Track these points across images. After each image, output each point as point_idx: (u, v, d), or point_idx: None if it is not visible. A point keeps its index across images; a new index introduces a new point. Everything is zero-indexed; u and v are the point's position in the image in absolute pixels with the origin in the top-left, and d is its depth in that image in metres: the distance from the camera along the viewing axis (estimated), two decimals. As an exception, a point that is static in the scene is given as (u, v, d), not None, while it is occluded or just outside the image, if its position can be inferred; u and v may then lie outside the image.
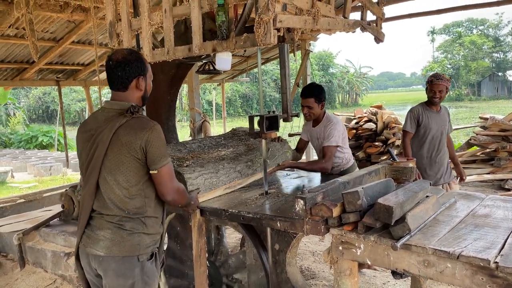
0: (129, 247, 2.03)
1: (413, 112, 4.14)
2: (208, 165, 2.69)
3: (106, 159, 2.00)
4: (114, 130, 1.97)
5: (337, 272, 2.18)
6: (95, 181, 2.03)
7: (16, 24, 5.12)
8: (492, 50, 56.22)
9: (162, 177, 2.03)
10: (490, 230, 2.01)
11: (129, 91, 2.09)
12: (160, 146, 2.01)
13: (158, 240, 2.18)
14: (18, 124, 24.01)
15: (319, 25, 2.53)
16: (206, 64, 5.13)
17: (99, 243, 2.03)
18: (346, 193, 2.09)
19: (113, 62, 2.05)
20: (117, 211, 2.03)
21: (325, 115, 3.66)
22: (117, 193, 2.02)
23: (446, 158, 4.13)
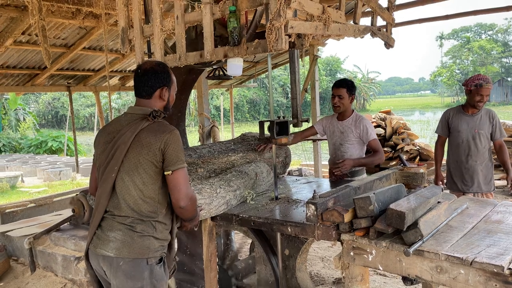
0: (139, 249, 2.06)
1: (444, 115, 4.06)
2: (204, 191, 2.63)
3: (125, 160, 2.07)
4: (136, 132, 2.06)
5: (348, 278, 2.17)
6: (112, 181, 2.09)
7: (29, 30, 5.20)
8: (501, 55, 55.84)
9: (176, 180, 2.05)
10: (503, 236, 1.99)
11: (152, 99, 2.19)
12: (177, 150, 2.07)
13: (166, 246, 2.21)
14: (28, 129, 24.26)
15: (329, 31, 2.54)
16: (216, 70, 5.16)
17: (110, 244, 2.07)
18: (358, 198, 2.08)
19: (141, 70, 2.17)
20: (130, 212, 2.07)
21: (354, 112, 3.73)
22: (132, 193, 2.07)
23: (483, 166, 3.89)
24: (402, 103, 64.74)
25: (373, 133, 3.62)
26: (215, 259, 2.94)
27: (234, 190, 2.83)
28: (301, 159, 12.55)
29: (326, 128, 3.85)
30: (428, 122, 30.46)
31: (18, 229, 5.15)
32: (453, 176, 4.01)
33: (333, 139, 3.78)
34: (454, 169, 3.99)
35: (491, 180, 3.96)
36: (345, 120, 3.70)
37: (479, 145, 3.87)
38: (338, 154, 3.72)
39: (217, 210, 2.67)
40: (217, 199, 2.65)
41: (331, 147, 3.82)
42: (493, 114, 3.93)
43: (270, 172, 3.34)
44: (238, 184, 2.90)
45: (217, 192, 2.67)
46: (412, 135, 8.83)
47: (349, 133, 3.64)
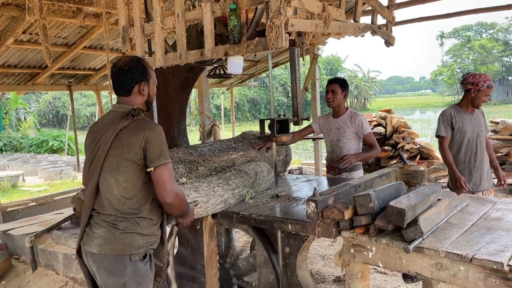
0: (121, 246, 2.08)
1: (444, 115, 3.92)
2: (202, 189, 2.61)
3: (107, 160, 2.09)
4: (117, 132, 2.07)
5: (348, 275, 2.18)
6: (96, 181, 2.12)
7: (30, 29, 5.21)
8: (502, 54, 55.80)
9: (160, 177, 2.05)
10: (503, 233, 2.00)
11: (132, 96, 2.19)
12: (159, 145, 2.06)
13: (154, 242, 2.22)
14: (29, 128, 24.28)
15: (330, 29, 2.54)
16: (217, 68, 5.16)
17: (94, 241, 2.10)
18: (358, 195, 2.09)
19: (116, 68, 2.18)
20: (112, 211, 2.10)
21: (349, 109, 3.90)
22: (114, 193, 2.09)
23: (485, 162, 3.92)
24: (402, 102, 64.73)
25: (368, 127, 3.79)
26: (215, 257, 2.95)
27: (233, 189, 2.82)
28: (302, 158, 12.57)
29: (322, 126, 4.00)
30: (429, 121, 30.45)
31: (19, 227, 5.16)
32: (467, 177, 3.88)
33: (330, 136, 3.91)
34: (462, 170, 3.88)
35: (491, 176, 4.01)
36: (340, 117, 3.87)
37: (482, 142, 3.90)
38: (336, 150, 3.85)
39: (214, 208, 2.66)
40: (215, 198, 2.64)
41: (328, 144, 3.95)
42: (483, 111, 4.02)
43: (271, 171, 3.33)
44: (237, 183, 2.89)
45: (214, 191, 2.66)
46: (412, 133, 8.84)
47: (346, 128, 3.80)
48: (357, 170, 3.84)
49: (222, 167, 3.23)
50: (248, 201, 2.90)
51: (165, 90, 3.89)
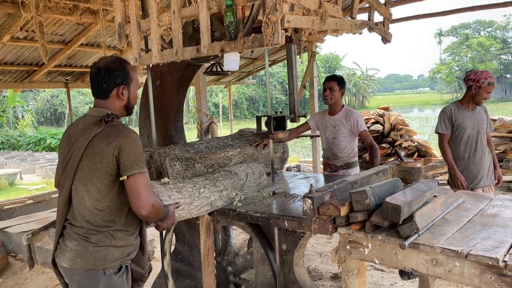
0: (93, 260, 1.96)
1: (445, 112, 3.96)
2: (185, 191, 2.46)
3: (79, 169, 1.97)
4: (89, 139, 1.95)
5: (345, 272, 2.18)
6: (68, 190, 2.00)
7: (26, 26, 5.18)
8: (500, 52, 55.83)
9: (134, 186, 1.90)
10: (498, 230, 2.00)
11: (110, 99, 2.07)
12: (133, 153, 1.93)
13: (130, 252, 2.10)
14: (26, 126, 24.22)
15: (326, 25, 2.54)
16: (214, 66, 5.16)
17: (65, 254, 1.99)
18: (354, 192, 2.09)
19: (95, 69, 2.05)
20: (84, 223, 1.97)
21: (344, 106, 3.90)
22: (86, 204, 1.96)
23: (486, 159, 3.93)
24: (401, 100, 64.76)
25: (363, 125, 3.79)
26: (212, 254, 2.95)
27: (221, 190, 2.71)
28: (300, 156, 12.57)
29: (318, 123, 4.01)
30: (427, 119, 30.49)
31: (17, 225, 5.16)
32: (464, 173, 3.93)
33: (326, 133, 3.94)
34: (461, 166, 3.92)
35: (492, 172, 4.01)
36: (336, 114, 3.87)
37: (483, 139, 3.91)
38: (332, 147, 3.88)
39: (199, 211, 2.56)
40: (199, 199, 2.53)
41: (324, 141, 3.98)
42: (486, 109, 4.02)
43: (263, 173, 3.23)
44: (225, 185, 2.77)
45: (200, 192, 2.55)
46: (410, 131, 8.84)
47: (341, 126, 3.81)
48: (353, 167, 3.86)
49: (219, 164, 3.23)
50: (237, 203, 2.77)
51: (162, 87, 3.89)
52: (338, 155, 3.87)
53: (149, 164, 3.02)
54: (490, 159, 3.99)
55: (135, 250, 2.13)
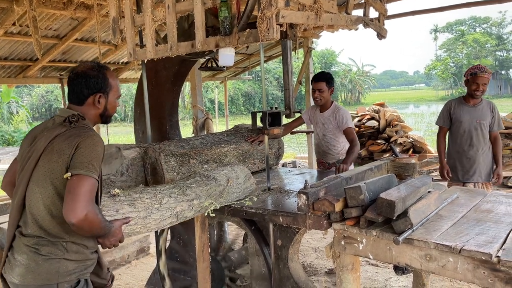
0: (45, 275, 1.79)
1: (446, 106, 4.10)
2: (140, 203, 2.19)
3: (36, 169, 1.83)
4: (51, 139, 1.84)
5: (339, 267, 2.19)
6: (23, 192, 1.85)
7: (20, 21, 5.13)
8: (495, 49, 55.96)
9: (73, 187, 1.71)
10: (492, 225, 2.01)
11: (85, 106, 1.97)
12: (87, 155, 1.78)
13: (88, 266, 1.93)
14: (21, 122, 24.07)
15: (321, 21, 2.53)
16: (209, 61, 5.14)
17: (15, 270, 1.82)
18: (349, 188, 2.09)
19: (73, 74, 1.96)
20: (36, 230, 1.81)
21: (333, 103, 3.87)
22: (40, 208, 1.81)
23: (484, 156, 3.95)
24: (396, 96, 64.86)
25: (350, 122, 3.74)
26: (207, 250, 2.95)
27: (191, 199, 2.43)
28: (296, 152, 12.58)
29: (311, 117, 4.04)
30: (422, 115, 30.58)
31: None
32: (454, 166, 4.06)
33: (316, 129, 3.97)
34: (455, 159, 4.03)
35: (491, 170, 4.02)
36: (325, 112, 3.87)
37: (480, 135, 3.93)
38: (322, 143, 3.92)
39: (160, 224, 2.28)
40: (159, 212, 2.25)
41: (316, 136, 4.02)
42: (494, 106, 4.02)
43: (250, 177, 2.94)
44: (197, 192, 2.49)
45: (161, 203, 2.27)
46: (405, 127, 8.86)
47: (329, 124, 3.82)
48: None
49: (214, 160, 3.23)
50: (210, 214, 2.53)
51: (157, 83, 3.87)
52: (328, 152, 3.89)
53: (144, 160, 3.01)
54: (490, 157, 4.00)
55: (92, 264, 1.96)
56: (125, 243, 4.56)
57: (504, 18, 56.93)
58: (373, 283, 3.78)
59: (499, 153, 4.02)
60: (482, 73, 3.82)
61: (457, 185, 3.60)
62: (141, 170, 3.02)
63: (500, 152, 4.03)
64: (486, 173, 3.99)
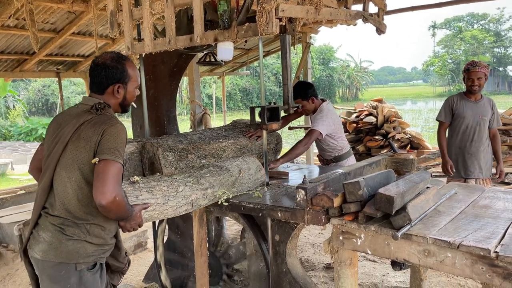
0: (66, 253, 1.90)
1: (447, 101, 4.09)
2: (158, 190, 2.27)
3: (63, 155, 1.93)
4: (78, 126, 1.93)
5: (337, 262, 2.19)
6: (50, 176, 1.96)
7: (16, 14, 5.09)
8: (493, 45, 56.04)
9: (101, 171, 1.81)
10: (490, 221, 2.01)
11: (105, 95, 2.05)
12: (113, 141, 1.87)
13: (106, 250, 2.04)
14: (17, 116, 23.98)
15: (321, 15, 2.52)
16: (207, 55, 5.12)
17: (39, 245, 1.94)
18: (347, 183, 2.09)
19: (94, 64, 2.04)
20: (63, 212, 1.92)
21: (321, 106, 3.78)
22: (68, 191, 1.92)
23: (485, 152, 3.97)
24: (394, 93, 64.88)
25: (319, 125, 3.61)
26: (205, 245, 2.95)
27: (205, 188, 2.51)
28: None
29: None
30: (420, 112, 30.62)
31: (8, 215, 5.11)
32: (455, 163, 4.04)
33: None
34: (456, 155, 4.03)
35: (491, 166, 4.04)
36: (314, 114, 3.84)
37: (482, 131, 3.94)
38: (317, 142, 3.89)
39: (176, 211, 2.36)
40: (176, 199, 2.33)
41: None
42: (493, 103, 4.05)
43: (261, 169, 3.00)
44: (211, 182, 2.57)
45: (178, 191, 2.36)
46: (403, 123, 8.86)
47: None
48: (343, 159, 3.85)
49: (212, 155, 3.22)
50: (223, 203, 2.61)
51: (155, 77, 3.85)
52: (324, 149, 3.91)
53: (141, 155, 3.00)
54: (490, 153, 4.01)
55: (110, 249, 2.07)
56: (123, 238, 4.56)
57: (502, 15, 56.97)
58: (371, 278, 3.79)
59: (499, 150, 4.04)
60: (474, 67, 3.85)
61: (458, 181, 3.61)
62: (139, 165, 3.00)
63: (500, 149, 4.05)
64: (487, 169, 4.00)
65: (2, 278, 4.25)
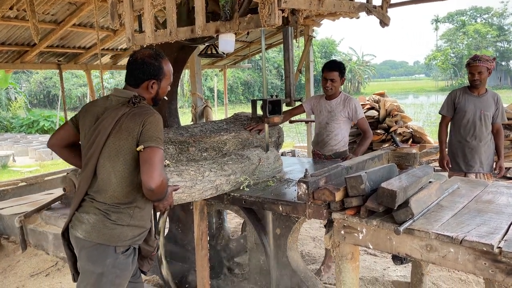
0: (108, 236, 2.04)
1: (450, 95, 4.07)
2: (186, 174, 2.44)
3: (106, 146, 2.04)
4: (117, 118, 2.03)
5: (338, 256, 2.18)
6: (93, 166, 2.07)
7: (17, 5, 5.06)
8: (496, 39, 55.68)
9: (148, 157, 1.95)
10: (493, 216, 2.00)
11: (140, 89, 2.17)
12: (154, 130, 2.01)
13: (141, 235, 2.17)
14: (19, 108, 23.98)
15: (324, 6, 2.48)
16: (209, 48, 5.08)
17: (82, 226, 2.06)
18: (349, 177, 2.07)
19: (132, 59, 2.16)
20: (108, 199, 2.05)
21: (341, 92, 3.78)
22: (112, 180, 2.04)
23: (486, 147, 3.94)
24: (396, 87, 64.66)
25: (362, 112, 3.69)
26: (206, 238, 2.94)
27: (228, 174, 2.66)
28: (295, 141, 12.56)
29: (314, 107, 3.91)
30: (422, 106, 30.53)
31: (9, 207, 5.12)
32: (455, 156, 4.04)
33: (319, 117, 3.83)
34: (457, 149, 4.01)
35: (492, 161, 4.00)
36: (333, 99, 3.75)
37: (484, 126, 3.91)
38: (323, 132, 3.80)
39: (202, 194, 2.52)
40: (202, 183, 2.49)
41: (317, 125, 3.89)
42: (498, 97, 3.99)
43: (279, 158, 3.17)
44: (234, 169, 2.73)
45: (204, 175, 2.51)
46: (405, 117, 8.82)
47: (337, 112, 3.70)
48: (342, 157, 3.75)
49: (213, 148, 3.20)
50: (244, 188, 2.74)
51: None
52: (327, 141, 3.78)
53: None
54: (492, 148, 3.98)
55: (145, 234, 2.21)
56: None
57: (506, 9, 56.66)
58: (371, 272, 3.78)
59: (501, 145, 4.00)
60: (474, 62, 3.83)
61: (459, 175, 3.59)
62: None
63: (502, 144, 4.01)
64: (488, 164, 3.97)
65: (3, 269, 4.26)
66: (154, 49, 2.24)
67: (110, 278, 2.06)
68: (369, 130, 3.68)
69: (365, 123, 3.70)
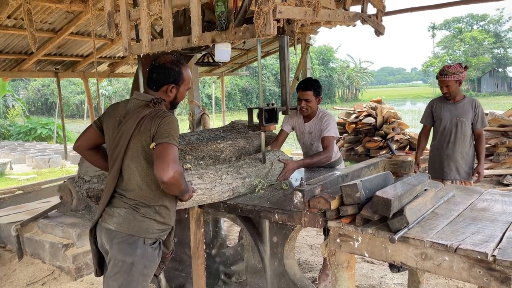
0: (138, 228, 2.15)
1: (428, 104, 4.15)
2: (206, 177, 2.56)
3: (129, 148, 2.15)
4: (138, 120, 2.12)
5: (334, 265, 2.18)
6: (118, 168, 2.18)
7: (15, 14, 5.09)
8: (492, 46, 56.04)
9: (160, 151, 2.01)
10: (488, 224, 2.01)
11: (159, 92, 2.26)
12: (168, 129, 2.08)
13: (166, 231, 2.28)
14: (17, 116, 23.94)
15: (319, 16, 2.51)
16: (205, 56, 5.11)
17: (113, 219, 2.18)
18: (345, 185, 2.08)
19: (155, 63, 2.26)
20: (135, 196, 2.17)
21: (319, 109, 3.60)
22: (137, 180, 2.16)
23: (464, 154, 3.93)
24: (394, 93, 64.88)
25: (332, 130, 3.45)
26: (202, 246, 2.94)
27: (243, 177, 2.79)
28: (292, 148, 12.58)
29: (294, 127, 3.74)
30: (419, 112, 30.46)
31: (6, 216, 5.10)
32: (434, 163, 4.10)
33: (302, 139, 3.71)
34: (434, 156, 4.09)
35: (471, 168, 4.00)
36: (311, 120, 3.60)
37: (460, 132, 3.92)
38: (310, 153, 3.68)
39: (221, 196, 2.64)
40: (221, 185, 2.62)
41: (302, 145, 3.76)
42: (476, 104, 3.96)
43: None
44: (249, 172, 2.86)
45: (221, 178, 2.65)
46: (402, 124, 8.86)
47: (316, 132, 3.56)
48: (336, 165, 3.69)
49: (210, 156, 3.20)
50: (259, 191, 2.85)
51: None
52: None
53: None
54: (471, 154, 3.97)
55: (169, 230, 2.32)
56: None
57: (502, 16, 56.99)
58: (368, 280, 3.78)
59: (482, 151, 3.99)
60: (441, 76, 3.87)
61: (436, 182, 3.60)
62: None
63: (483, 150, 3.99)
64: (465, 171, 3.96)
65: (0, 278, 4.24)
66: (175, 55, 2.32)
67: (139, 267, 2.16)
68: (328, 151, 3.38)
69: (330, 142, 3.42)
